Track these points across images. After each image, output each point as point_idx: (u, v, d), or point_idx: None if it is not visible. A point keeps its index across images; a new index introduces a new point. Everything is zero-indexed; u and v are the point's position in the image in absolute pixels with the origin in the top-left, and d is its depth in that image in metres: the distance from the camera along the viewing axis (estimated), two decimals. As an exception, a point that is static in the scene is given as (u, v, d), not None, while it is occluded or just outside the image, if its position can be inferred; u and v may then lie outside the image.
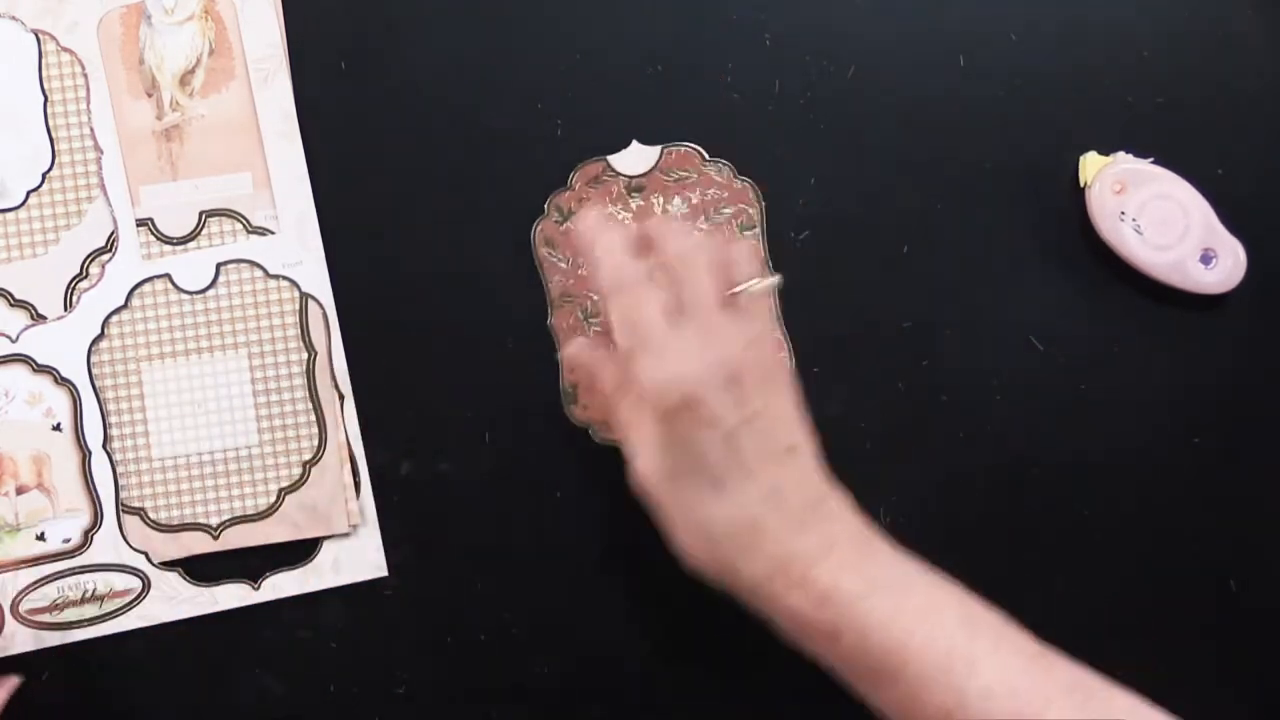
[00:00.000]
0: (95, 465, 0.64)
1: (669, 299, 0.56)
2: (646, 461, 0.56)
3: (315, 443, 0.65)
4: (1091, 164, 0.66)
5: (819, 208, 0.67)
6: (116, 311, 0.65)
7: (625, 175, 0.66)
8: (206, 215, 0.65)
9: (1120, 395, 0.66)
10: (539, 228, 0.66)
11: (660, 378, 0.54)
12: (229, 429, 0.65)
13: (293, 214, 0.65)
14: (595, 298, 0.66)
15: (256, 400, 0.65)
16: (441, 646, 0.65)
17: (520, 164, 0.66)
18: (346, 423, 0.65)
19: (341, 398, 0.65)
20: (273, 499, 0.65)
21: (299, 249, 0.65)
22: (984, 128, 0.67)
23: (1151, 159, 0.66)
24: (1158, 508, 0.66)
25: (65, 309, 0.64)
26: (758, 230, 0.66)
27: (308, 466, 0.65)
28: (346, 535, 0.64)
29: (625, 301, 0.56)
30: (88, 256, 0.65)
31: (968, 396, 0.66)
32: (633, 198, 0.66)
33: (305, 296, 0.65)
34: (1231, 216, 0.65)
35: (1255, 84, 0.67)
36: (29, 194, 0.65)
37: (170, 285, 0.65)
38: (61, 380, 0.64)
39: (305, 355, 0.65)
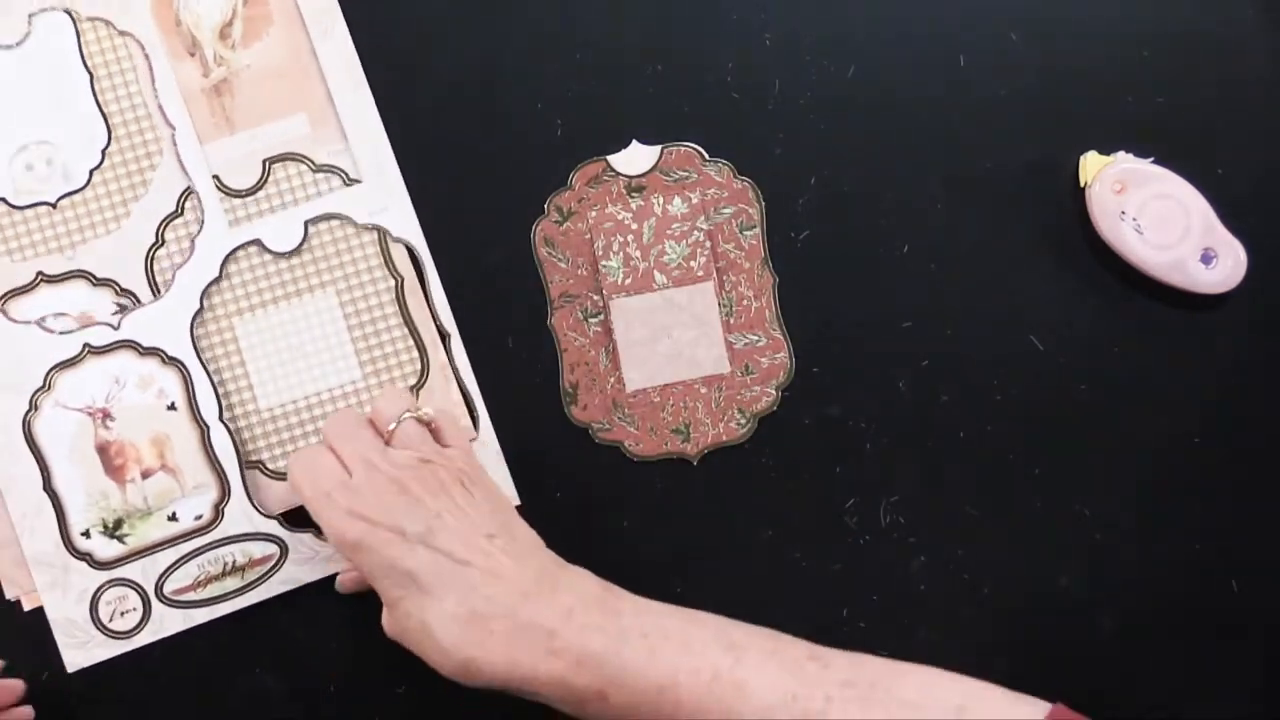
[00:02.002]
0: (215, 438, 0.64)
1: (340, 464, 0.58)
2: (383, 610, 0.57)
3: (418, 366, 0.65)
4: (1091, 164, 0.66)
5: (819, 208, 0.67)
6: (213, 283, 0.65)
7: (625, 175, 0.66)
8: (270, 163, 0.65)
9: (1120, 395, 0.66)
10: (539, 228, 0.66)
11: (335, 517, 0.56)
12: (330, 368, 0.65)
13: (372, 162, 0.65)
14: (595, 298, 0.66)
15: (353, 335, 0.65)
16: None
17: (520, 164, 0.66)
18: (450, 347, 0.65)
19: (439, 327, 0.65)
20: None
21: (384, 196, 0.65)
22: (984, 127, 0.67)
23: (1151, 159, 0.66)
24: (1158, 508, 0.66)
25: (149, 282, 0.65)
26: (758, 229, 0.66)
27: (415, 390, 0.65)
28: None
29: (292, 482, 0.58)
30: (161, 223, 0.65)
31: (968, 396, 0.66)
32: (633, 198, 0.66)
33: (387, 236, 0.65)
34: (1231, 216, 0.65)
35: (1255, 84, 0.67)
36: (92, 173, 0.65)
37: (261, 248, 0.65)
38: (169, 360, 0.64)
39: (393, 282, 0.65)
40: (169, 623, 0.64)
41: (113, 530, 0.64)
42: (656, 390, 0.66)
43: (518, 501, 0.65)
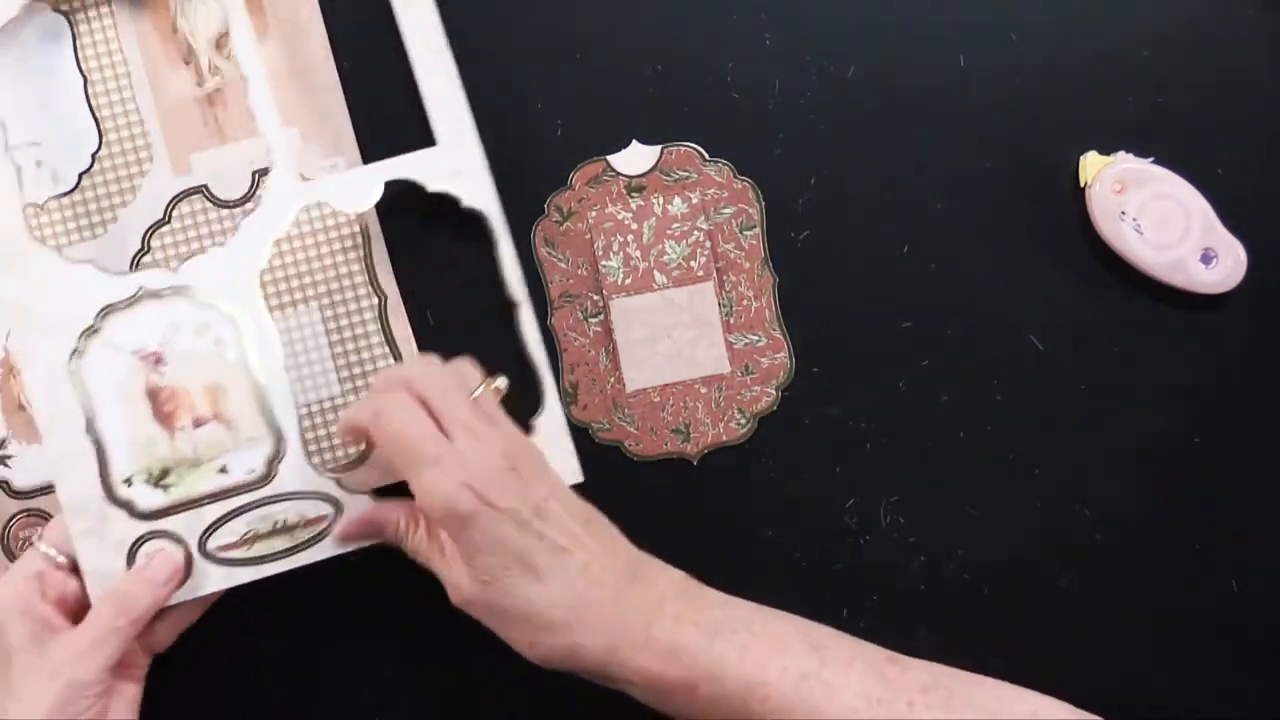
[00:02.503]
0: (276, 390, 0.62)
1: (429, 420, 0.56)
2: (459, 577, 0.56)
3: None
4: (1091, 164, 0.66)
5: (819, 208, 0.67)
6: (279, 238, 0.63)
7: (625, 175, 0.66)
8: (260, 175, 0.65)
9: (1120, 395, 0.66)
10: (539, 228, 0.66)
11: (446, 487, 0.54)
12: (309, 383, 0.65)
13: (450, 127, 0.64)
14: (595, 298, 0.66)
15: (334, 351, 0.65)
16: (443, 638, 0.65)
17: (520, 164, 0.66)
18: (519, 315, 0.64)
19: (509, 296, 0.64)
20: (362, 445, 0.63)
21: (459, 159, 0.63)
22: (984, 127, 0.67)
23: (1151, 159, 0.66)
24: (1158, 508, 0.66)
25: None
26: (758, 229, 0.66)
27: None
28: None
29: (389, 430, 0.56)
30: (148, 230, 0.65)
31: (968, 396, 0.66)
32: (633, 198, 0.66)
33: (368, 237, 0.65)
34: (1231, 216, 0.65)
35: (1255, 84, 0.67)
36: (81, 176, 0.65)
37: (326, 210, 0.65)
38: (229, 309, 0.62)
39: (376, 300, 0.65)
40: (209, 579, 0.61)
41: (157, 479, 0.61)
42: (656, 390, 0.66)
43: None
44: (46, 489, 0.65)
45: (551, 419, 0.64)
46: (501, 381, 0.60)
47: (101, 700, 0.57)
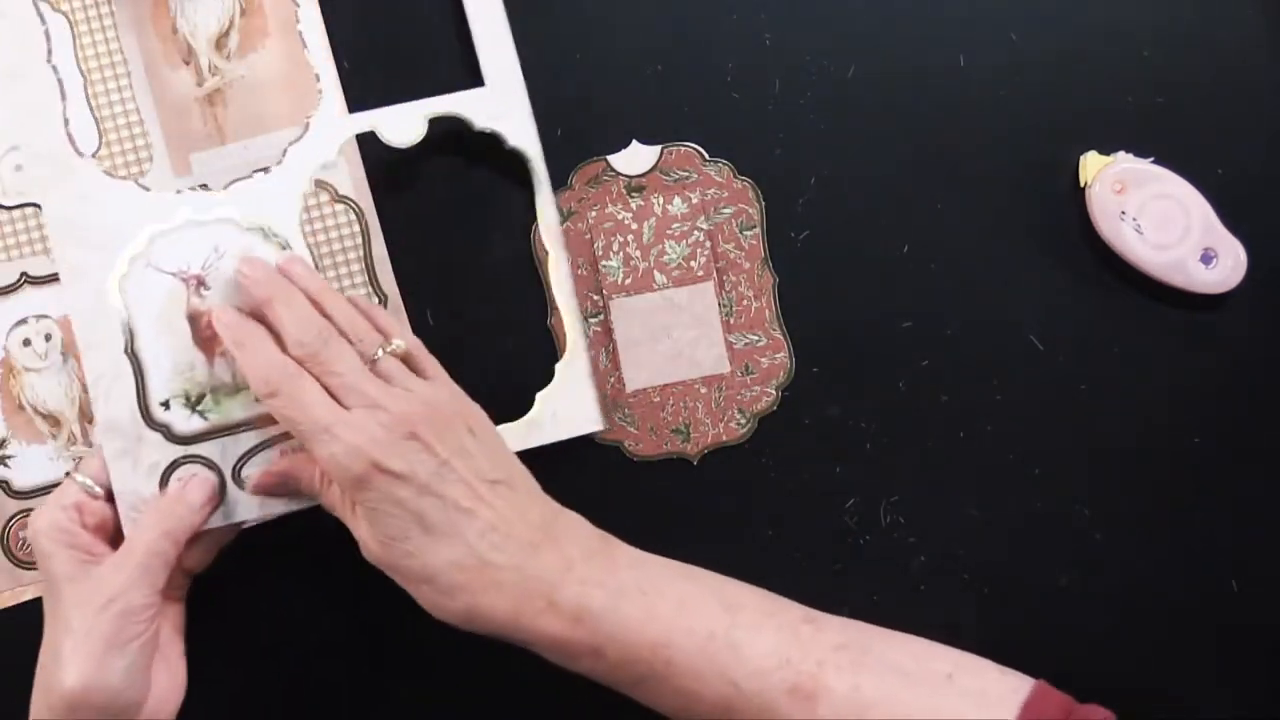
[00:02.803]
0: None
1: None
2: (365, 536, 0.56)
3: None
4: (1091, 164, 0.66)
5: (819, 208, 0.67)
6: (326, 165, 0.63)
7: (625, 175, 0.66)
8: (259, 174, 0.64)
9: (1120, 395, 0.66)
10: (538, 228, 0.66)
11: (339, 456, 0.54)
12: None
13: (497, 69, 0.64)
14: (595, 298, 0.66)
15: None
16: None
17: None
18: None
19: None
20: None
21: (506, 100, 0.64)
22: (984, 128, 0.67)
23: (1151, 159, 0.66)
24: (1158, 507, 0.66)
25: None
26: (758, 229, 0.66)
27: None
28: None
29: (281, 402, 0.56)
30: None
31: (968, 396, 0.66)
32: (632, 198, 0.66)
33: (368, 236, 0.65)
34: (1231, 216, 0.65)
35: (1255, 84, 0.67)
36: None
37: (375, 139, 0.64)
38: (271, 234, 0.62)
39: (376, 301, 0.65)
40: (241, 509, 0.61)
41: (195, 404, 0.61)
42: (656, 390, 0.66)
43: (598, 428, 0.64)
44: (46, 489, 0.65)
45: (575, 365, 0.64)
46: (398, 344, 0.58)
47: (153, 624, 0.57)
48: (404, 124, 0.63)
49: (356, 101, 0.65)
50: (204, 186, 0.65)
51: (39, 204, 0.63)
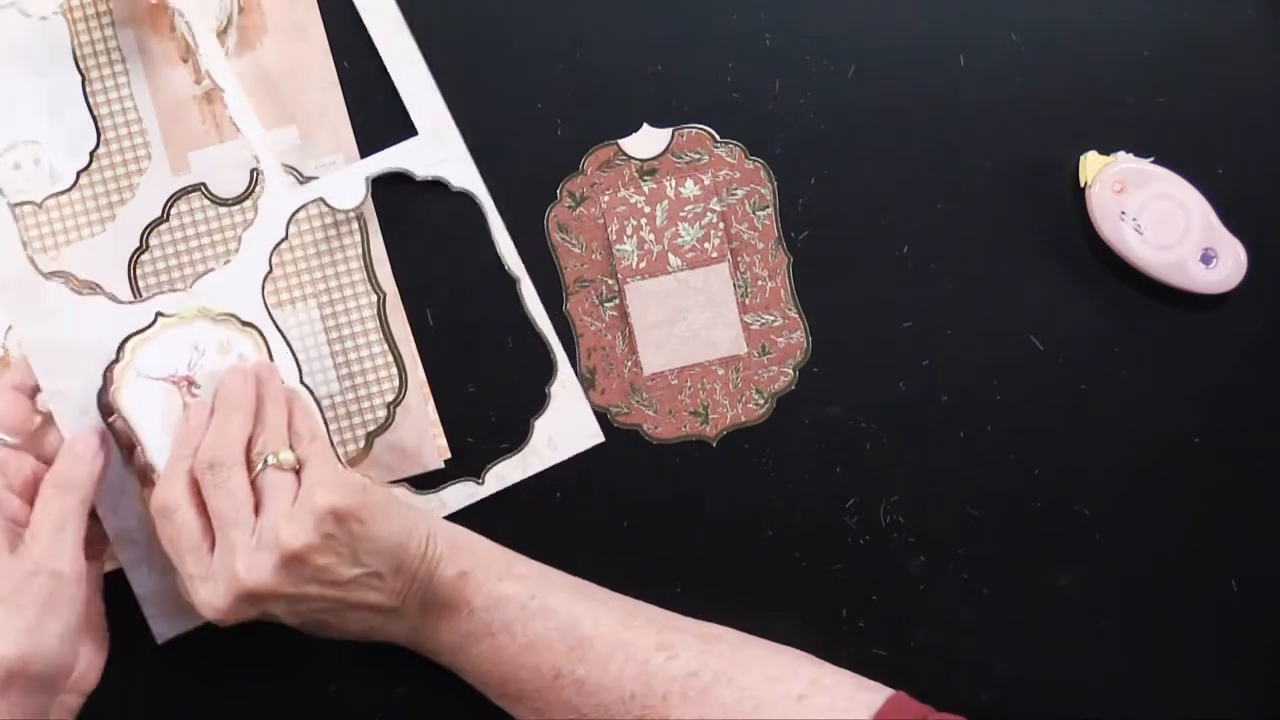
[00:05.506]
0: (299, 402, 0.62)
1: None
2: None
3: (396, 383, 0.65)
4: (1091, 164, 0.66)
5: (819, 208, 0.67)
6: (280, 244, 0.64)
7: (637, 159, 0.66)
8: (258, 172, 0.65)
9: (1120, 395, 0.66)
10: (551, 213, 0.66)
11: (199, 606, 0.57)
12: (307, 380, 0.64)
13: (428, 116, 0.65)
14: (610, 282, 0.66)
15: (332, 349, 0.65)
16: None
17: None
18: (521, 290, 0.65)
19: (508, 270, 0.65)
20: (360, 444, 0.65)
21: (442, 148, 0.65)
22: (984, 128, 0.67)
23: (1151, 159, 0.66)
24: (1158, 508, 0.66)
25: (131, 287, 0.64)
26: (771, 210, 0.66)
27: (391, 408, 0.65)
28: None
29: (163, 535, 0.58)
30: (146, 228, 0.65)
31: (968, 396, 0.66)
32: (645, 181, 0.66)
33: (367, 236, 0.65)
34: (1231, 216, 0.65)
35: (1255, 84, 0.67)
36: (79, 174, 0.65)
37: (324, 207, 0.65)
38: (245, 324, 0.63)
39: (375, 297, 0.65)
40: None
41: None
42: (674, 373, 0.66)
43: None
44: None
45: (565, 386, 0.65)
46: (285, 455, 0.58)
47: (83, 585, 0.57)
48: (349, 187, 0.64)
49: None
50: (203, 185, 0.65)
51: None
